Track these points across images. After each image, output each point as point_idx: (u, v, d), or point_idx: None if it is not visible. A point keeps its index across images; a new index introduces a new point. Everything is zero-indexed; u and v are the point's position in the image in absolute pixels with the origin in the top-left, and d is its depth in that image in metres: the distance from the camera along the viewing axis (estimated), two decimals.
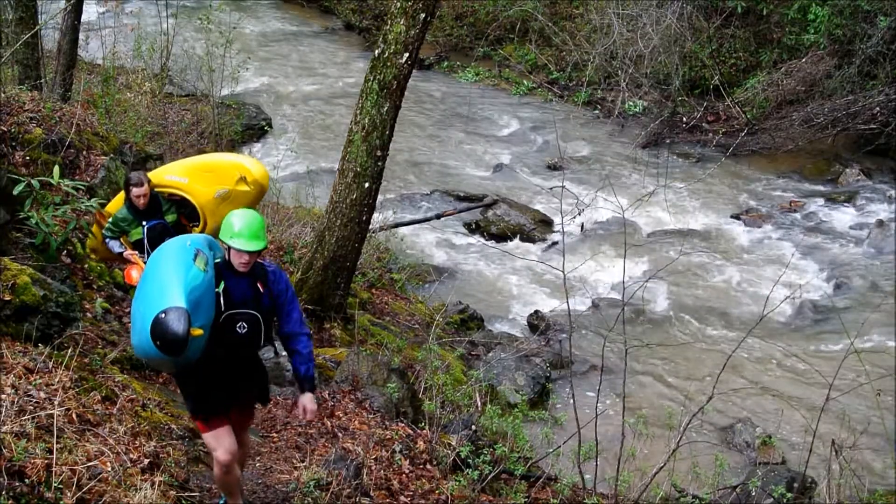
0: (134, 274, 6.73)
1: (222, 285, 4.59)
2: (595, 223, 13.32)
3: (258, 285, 4.73)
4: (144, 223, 6.77)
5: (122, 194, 7.04)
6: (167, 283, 4.30)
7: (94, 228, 7.18)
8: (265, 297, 4.73)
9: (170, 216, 6.90)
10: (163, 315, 4.15)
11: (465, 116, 17.55)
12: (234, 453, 4.74)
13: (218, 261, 4.67)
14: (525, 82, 18.92)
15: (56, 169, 6.97)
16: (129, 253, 6.79)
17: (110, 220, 6.84)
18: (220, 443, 4.69)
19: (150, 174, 6.96)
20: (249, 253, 4.62)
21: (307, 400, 4.83)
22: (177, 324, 4.12)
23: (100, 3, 18.42)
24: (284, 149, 13.85)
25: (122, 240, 6.84)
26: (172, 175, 7.15)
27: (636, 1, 17.51)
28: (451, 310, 10.42)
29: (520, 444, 6.91)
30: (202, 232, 6.99)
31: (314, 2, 23.79)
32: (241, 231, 4.61)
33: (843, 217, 14.02)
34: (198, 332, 4.23)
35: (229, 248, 4.63)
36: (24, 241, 6.75)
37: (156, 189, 6.83)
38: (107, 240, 6.88)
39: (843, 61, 15.85)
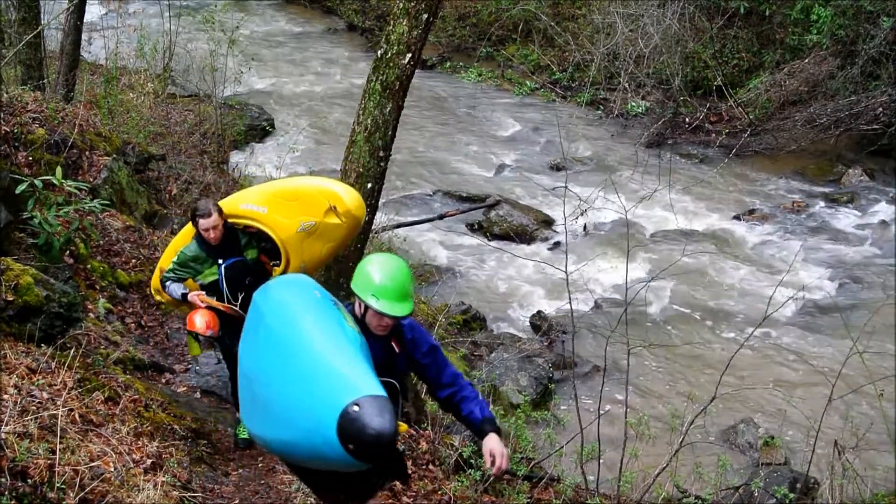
0: (198, 321, 5.68)
1: None
2: (598, 224, 13.32)
3: (393, 344, 3.81)
4: (221, 262, 5.75)
5: (186, 230, 6.12)
6: (337, 355, 3.19)
7: (162, 263, 6.27)
8: (401, 359, 3.84)
9: (250, 252, 5.90)
10: (355, 408, 3.00)
11: (468, 117, 17.54)
12: None
13: None
14: (528, 83, 18.92)
15: (59, 169, 6.96)
16: (194, 294, 5.72)
17: (175, 259, 5.85)
18: None
19: (222, 203, 5.93)
20: (394, 318, 3.68)
21: (493, 442, 3.72)
22: (379, 419, 2.99)
23: (102, 3, 18.45)
24: (287, 149, 13.85)
25: (185, 283, 5.83)
26: (248, 203, 5.99)
27: (638, 1, 17.50)
28: (454, 310, 10.42)
29: (522, 444, 6.91)
30: (284, 272, 5.95)
31: (316, 2, 23.81)
32: (383, 286, 3.63)
33: (845, 218, 14.01)
34: (404, 427, 3.25)
35: (366, 306, 3.70)
36: (27, 242, 6.74)
37: (230, 220, 5.83)
38: (166, 284, 5.84)
39: (846, 62, 15.83)
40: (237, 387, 6.18)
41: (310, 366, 3.20)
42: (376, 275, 3.66)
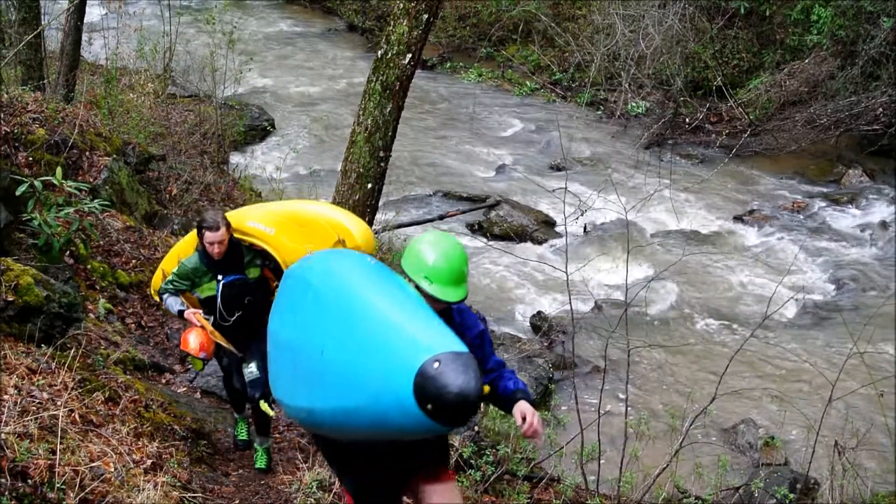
0: (192, 341, 5.48)
1: None
2: (598, 224, 13.32)
3: None
4: (221, 277, 5.50)
5: (191, 235, 5.83)
6: (407, 314, 2.96)
7: (164, 265, 6.00)
8: None
9: (252, 271, 5.63)
10: (436, 365, 2.76)
11: (468, 117, 17.54)
12: None
13: None
14: (528, 83, 18.93)
15: (59, 170, 6.96)
16: (190, 313, 5.52)
17: (175, 270, 5.58)
18: None
19: (229, 215, 5.62)
20: (448, 303, 3.39)
21: (523, 405, 3.52)
22: (464, 376, 2.75)
23: (102, 3, 18.45)
24: (287, 149, 13.87)
25: (183, 297, 5.61)
26: (256, 222, 5.72)
27: (639, 1, 17.51)
28: None
29: (522, 445, 6.90)
30: None
31: (317, 3, 23.85)
32: (437, 268, 3.33)
33: (846, 218, 14.01)
34: (487, 388, 3.04)
35: (417, 288, 3.37)
36: (27, 242, 6.74)
37: (236, 235, 5.56)
38: (164, 296, 5.61)
39: (846, 62, 15.83)
40: (232, 388, 6.19)
41: (377, 326, 2.96)
42: (430, 255, 3.35)
